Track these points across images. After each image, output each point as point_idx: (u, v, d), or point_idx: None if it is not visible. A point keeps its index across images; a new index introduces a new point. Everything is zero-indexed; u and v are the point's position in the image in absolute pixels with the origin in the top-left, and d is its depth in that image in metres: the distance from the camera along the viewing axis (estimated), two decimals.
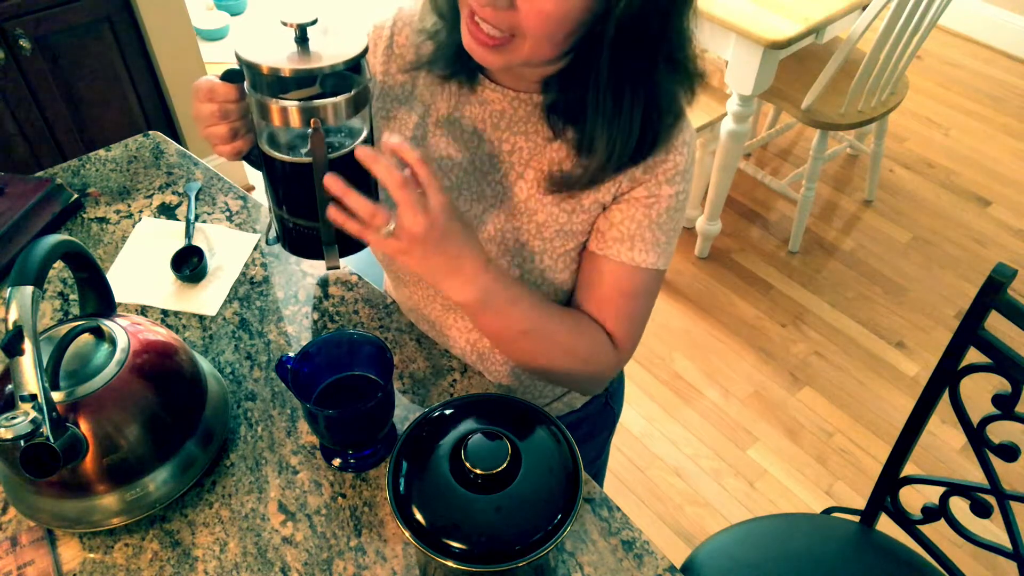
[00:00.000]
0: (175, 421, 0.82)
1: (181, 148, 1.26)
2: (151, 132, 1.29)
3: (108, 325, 0.81)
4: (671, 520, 1.81)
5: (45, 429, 0.68)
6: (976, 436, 0.99)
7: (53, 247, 0.76)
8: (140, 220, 1.14)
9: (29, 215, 1.10)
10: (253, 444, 0.89)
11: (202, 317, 1.02)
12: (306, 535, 0.81)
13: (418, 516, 0.65)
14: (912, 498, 1.80)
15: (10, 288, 0.71)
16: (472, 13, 0.72)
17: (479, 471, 0.65)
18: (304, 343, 0.95)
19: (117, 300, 0.94)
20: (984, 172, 2.75)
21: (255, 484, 0.85)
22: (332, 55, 0.67)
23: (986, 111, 3.01)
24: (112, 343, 0.80)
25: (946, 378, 1.01)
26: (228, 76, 0.76)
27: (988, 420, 0.97)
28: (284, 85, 0.69)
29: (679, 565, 1.02)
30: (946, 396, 1.02)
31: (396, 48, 0.91)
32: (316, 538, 0.81)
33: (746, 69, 1.94)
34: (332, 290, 1.06)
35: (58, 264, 1.07)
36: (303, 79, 0.68)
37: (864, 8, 1.93)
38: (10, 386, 0.75)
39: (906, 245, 2.50)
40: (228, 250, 1.10)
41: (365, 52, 0.71)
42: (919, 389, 1.53)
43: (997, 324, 0.94)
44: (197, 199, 1.17)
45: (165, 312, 1.03)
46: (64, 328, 0.79)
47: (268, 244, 1.02)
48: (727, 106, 2.08)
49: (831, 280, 2.38)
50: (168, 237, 1.11)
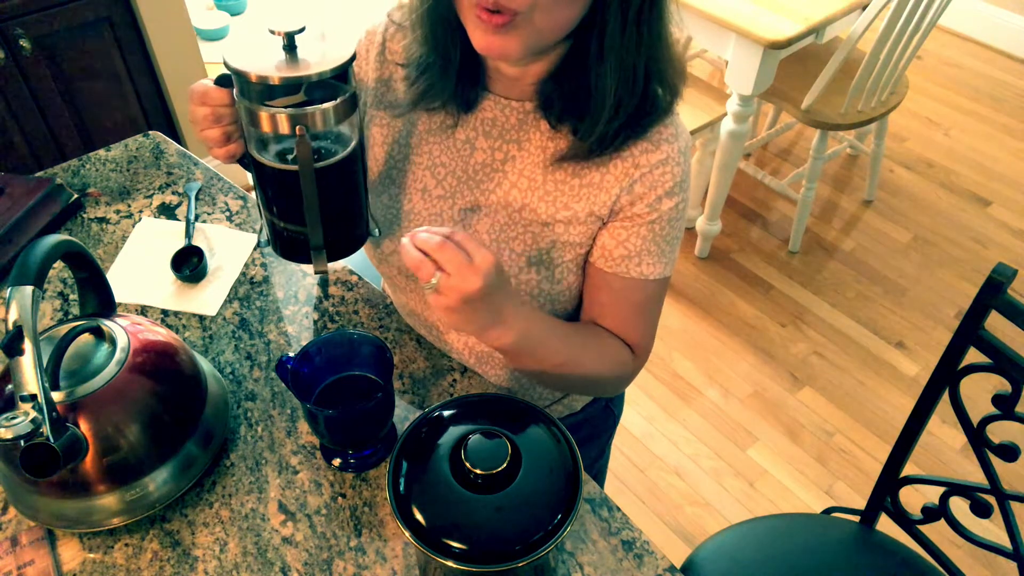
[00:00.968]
0: (175, 421, 0.82)
1: (181, 148, 1.26)
2: (151, 132, 1.29)
3: (108, 325, 0.81)
4: (671, 520, 1.81)
5: (45, 429, 0.68)
6: (976, 436, 0.99)
7: (53, 247, 0.76)
8: (140, 220, 1.14)
9: (29, 215, 1.10)
10: (253, 444, 0.89)
11: (202, 317, 1.02)
12: (306, 535, 0.81)
13: (418, 516, 0.65)
14: (912, 498, 1.80)
15: (10, 288, 0.71)
16: (476, 5, 0.70)
17: (479, 471, 0.65)
18: (304, 343, 0.95)
19: (117, 300, 0.95)
20: (984, 172, 2.75)
21: (255, 484, 0.85)
22: (319, 63, 0.67)
23: (986, 111, 3.01)
24: (112, 343, 0.80)
25: (946, 378, 1.01)
26: (221, 80, 0.76)
27: (988, 420, 0.97)
28: (272, 92, 0.69)
29: (679, 565, 1.02)
30: (946, 396, 1.02)
31: (389, 55, 0.91)
32: (316, 538, 0.81)
33: (746, 69, 1.94)
34: (332, 290, 1.06)
35: (58, 264, 1.07)
36: (290, 86, 0.68)
37: (864, 8, 1.93)
38: (10, 386, 0.75)
39: (906, 245, 2.50)
40: (228, 250, 1.10)
41: (352, 60, 0.71)
42: (919, 389, 1.53)
43: (997, 324, 0.94)
44: (197, 199, 1.17)
45: (165, 312, 1.03)
46: (64, 328, 0.79)
47: (260, 247, 1.03)
48: (727, 106, 2.08)
49: (831, 280, 2.38)
50: (168, 237, 1.11)
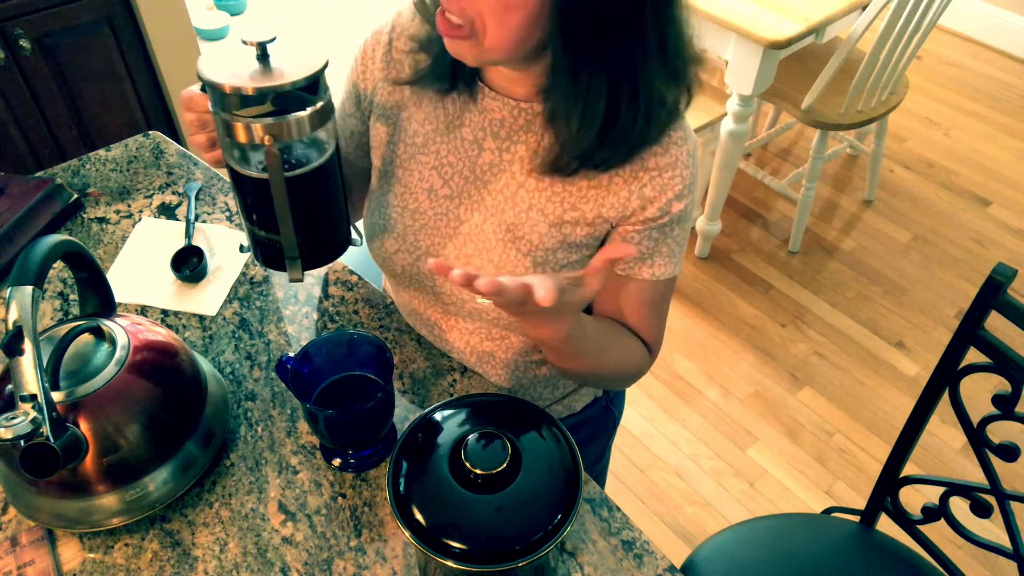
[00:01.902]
0: (175, 421, 0.82)
1: (181, 148, 1.26)
2: (151, 132, 1.29)
3: (108, 325, 0.81)
4: (671, 520, 1.81)
5: (45, 429, 0.68)
6: (976, 436, 0.99)
7: (53, 247, 0.76)
8: (140, 220, 1.14)
9: (29, 215, 1.10)
10: (253, 444, 0.89)
11: (202, 317, 1.02)
12: (306, 535, 0.81)
13: (418, 516, 0.65)
14: (912, 498, 1.80)
15: (10, 288, 0.71)
16: (440, 5, 0.72)
17: (479, 471, 0.65)
18: (304, 343, 0.95)
19: (117, 300, 0.94)
20: (984, 172, 2.75)
21: (255, 484, 0.85)
22: (285, 74, 0.67)
23: (986, 111, 3.01)
24: (112, 343, 0.80)
25: (946, 378, 1.01)
26: (205, 87, 0.76)
27: (988, 420, 0.97)
28: (243, 101, 0.68)
29: (679, 565, 1.02)
30: (946, 396, 1.02)
31: (395, 54, 0.90)
32: (316, 538, 0.81)
33: (746, 69, 1.94)
34: (332, 290, 1.06)
35: (58, 264, 1.07)
36: (259, 96, 0.68)
37: (864, 8, 1.93)
38: (10, 386, 0.75)
39: (906, 245, 2.50)
40: (228, 250, 1.10)
41: (323, 69, 0.71)
42: (919, 389, 1.53)
43: (997, 324, 0.94)
44: (197, 199, 1.17)
45: (165, 312, 1.03)
46: (64, 328, 0.79)
47: (241, 252, 1.04)
48: (727, 106, 2.08)
49: (831, 280, 2.38)
50: (168, 237, 1.11)
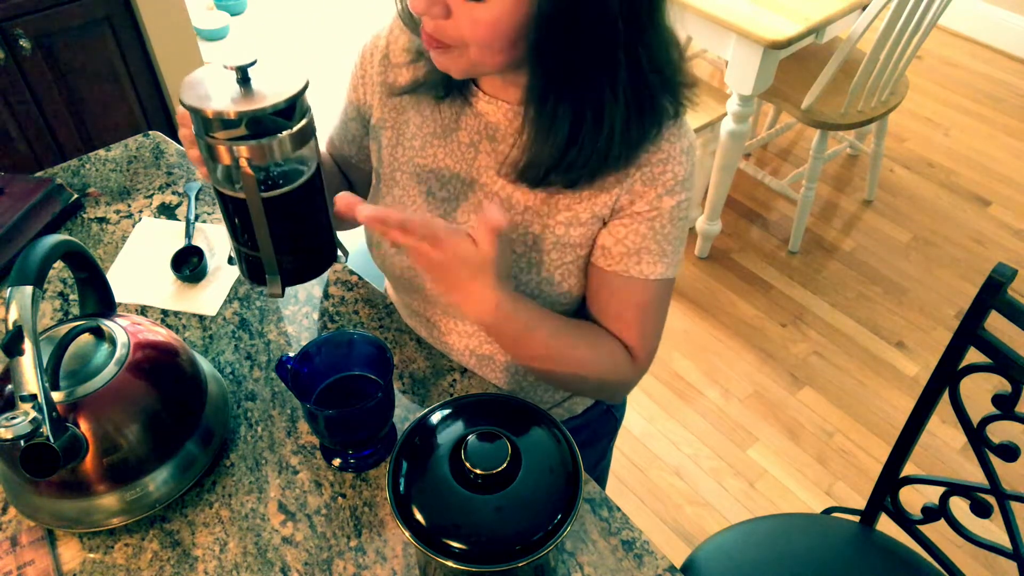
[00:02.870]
0: (175, 421, 0.82)
1: (181, 148, 1.26)
2: (151, 132, 1.29)
3: (108, 325, 0.81)
4: (671, 520, 1.81)
5: (45, 429, 0.68)
6: (976, 436, 0.99)
7: (53, 247, 0.76)
8: (140, 220, 1.14)
9: (29, 215, 1.10)
10: (253, 444, 0.89)
11: (202, 317, 1.02)
12: (306, 535, 0.81)
13: (418, 516, 0.65)
14: (912, 498, 1.80)
15: (10, 288, 0.71)
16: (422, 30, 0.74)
17: (479, 471, 0.65)
18: (304, 343, 0.95)
19: (117, 300, 0.95)
20: (984, 172, 2.75)
21: (255, 484, 0.85)
22: (270, 95, 0.69)
23: (986, 111, 3.01)
24: (112, 343, 0.80)
25: (946, 378, 1.01)
26: None
27: (988, 420, 0.97)
28: (225, 123, 0.70)
29: (679, 565, 1.02)
30: (946, 396, 1.02)
31: (392, 58, 0.91)
32: (316, 538, 0.81)
33: (746, 69, 1.94)
34: (332, 290, 1.06)
35: (58, 264, 1.07)
36: (241, 119, 0.70)
37: (864, 8, 1.93)
38: (10, 386, 0.75)
39: (906, 245, 2.50)
40: (228, 250, 1.10)
41: (302, 92, 0.72)
42: (919, 389, 1.53)
43: (997, 324, 0.94)
44: (197, 199, 1.17)
45: (165, 312, 1.03)
46: (64, 328, 0.79)
47: (230, 264, 1.06)
48: (727, 106, 2.08)
49: (831, 280, 2.38)
50: (168, 237, 1.11)
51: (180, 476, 0.82)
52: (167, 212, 1.16)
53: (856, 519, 1.22)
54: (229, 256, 0.86)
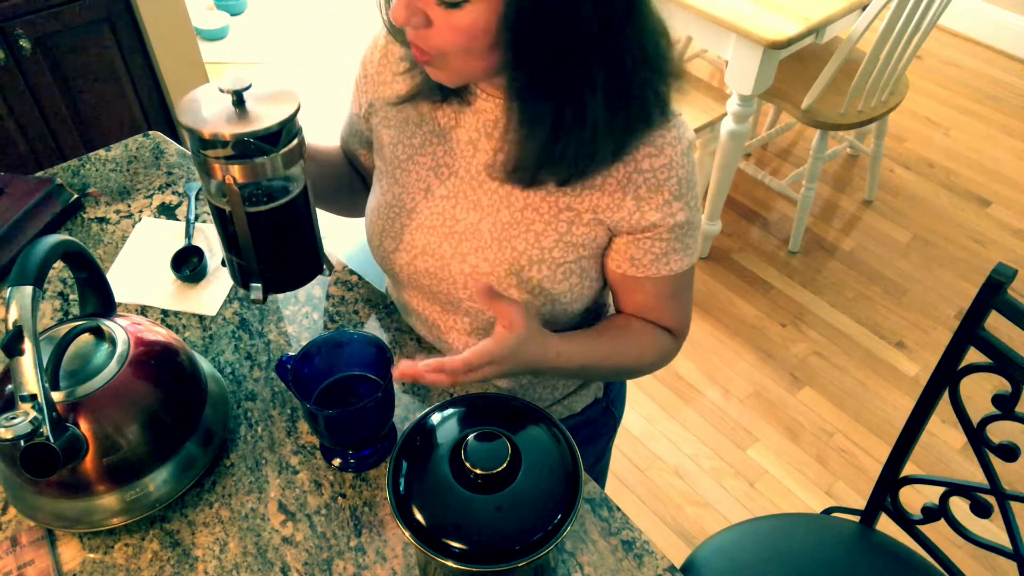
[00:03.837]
0: (175, 421, 0.82)
1: (181, 148, 1.26)
2: (151, 132, 1.29)
3: (108, 325, 0.81)
4: (671, 520, 1.81)
5: (45, 429, 0.68)
6: (976, 436, 0.99)
7: (53, 247, 0.76)
8: (140, 220, 1.14)
9: (29, 215, 1.10)
10: (253, 444, 0.89)
11: (202, 317, 1.02)
12: (306, 535, 0.81)
13: (418, 516, 0.65)
14: (912, 498, 1.80)
15: (10, 288, 0.71)
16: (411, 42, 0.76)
17: (479, 471, 0.65)
18: (304, 343, 0.95)
19: (117, 300, 0.94)
20: (984, 172, 2.75)
21: (255, 484, 0.85)
22: (262, 118, 0.74)
23: (986, 111, 3.01)
24: (112, 343, 0.80)
25: (946, 378, 1.01)
26: None
27: (988, 420, 0.97)
28: (216, 144, 0.74)
29: (679, 565, 1.02)
30: (946, 396, 1.02)
31: (390, 56, 0.91)
32: (316, 538, 0.81)
33: (746, 69, 1.94)
34: (332, 290, 1.06)
35: (58, 264, 1.07)
36: (228, 142, 0.74)
37: (864, 8, 1.93)
38: (10, 386, 0.75)
39: (906, 245, 2.50)
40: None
41: (292, 117, 0.76)
42: (919, 389, 1.53)
43: (997, 324, 0.94)
44: (197, 199, 1.17)
45: (165, 312, 1.03)
46: (64, 328, 0.79)
47: (223, 266, 1.09)
48: (727, 106, 2.08)
49: (831, 280, 2.38)
50: (168, 237, 1.11)
51: (180, 476, 0.82)
52: (167, 212, 1.16)
53: (856, 519, 1.22)
54: (222, 258, 0.89)
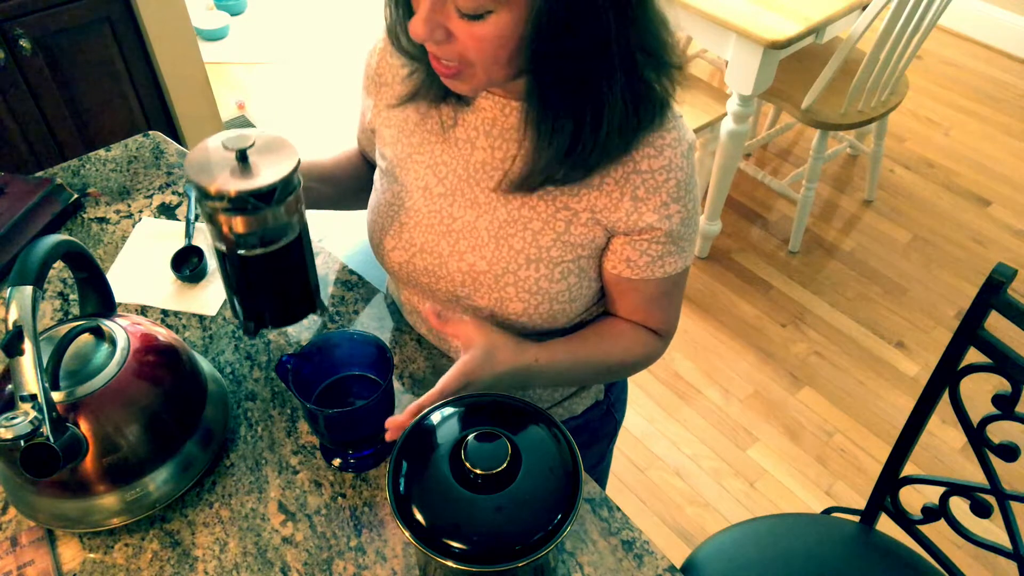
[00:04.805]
0: (175, 421, 0.82)
1: (181, 148, 1.26)
2: (151, 132, 1.29)
3: (108, 325, 0.81)
4: (671, 520, 1.81)
5: (45, 429, 0.68)
6: (976, 436, 1.00)
7: (53, 247, 0.76)
8: (140, 220, 1.14)
9: (29, 215, 1.10)
10: (253, 444, 0.89)
11: (202, 317, 1.02)
12: (306, 535, 0.81)
13: (418, 516, 0.65)
14: (912, 498, 1.80)
15: (10, 288, 0.71)
16: (431, 55, 0.76)
17: (479, 471, 0.65)
18: (304, 343, 0.95)
19: (117, 300, 0.94)
20: (984, 172, 2.75)
21: (255, 484, 0.85)
22: (264, 175, 0.78)
23: (986, 111, 3.01)
24: (112, 343, 0.80)
25: (946, 378, 1.01)
26: None
27: (988, 420, 0.97)
28: (216, 197, 0.78)
29: (679, 565, 1.02)
30: (946, 396, 1.02)
31: (390, 56, 0.91)
32: (316, 538, 0.81)
33: (746, 69, 1.94)
34: (332, 290, 1.06)
35: (58, 264, 1.07)
36: (227, 197, 0.78)
37: (864, 8, 1.93)
38: (10, 386, 0.75)
39: (906, 245, 2.50)
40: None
41: (291, 175, 0.79)
42: (919, 389, 1.53)
43: (997, 324, 0.94)
44: (197, 200, 1.17)
45: (165, 312, 1.03)
46: (64, 328, 0.79)
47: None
48: (727, 106, 2.08)
49: (831, 280, 2.38)
50: (168, 237, 1.11)
51: (180, 476, 0.82)
52: (167, 212, 1.16)
53: (856, 519, 1.22)
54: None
